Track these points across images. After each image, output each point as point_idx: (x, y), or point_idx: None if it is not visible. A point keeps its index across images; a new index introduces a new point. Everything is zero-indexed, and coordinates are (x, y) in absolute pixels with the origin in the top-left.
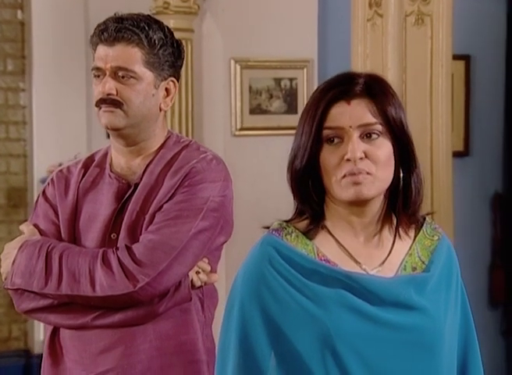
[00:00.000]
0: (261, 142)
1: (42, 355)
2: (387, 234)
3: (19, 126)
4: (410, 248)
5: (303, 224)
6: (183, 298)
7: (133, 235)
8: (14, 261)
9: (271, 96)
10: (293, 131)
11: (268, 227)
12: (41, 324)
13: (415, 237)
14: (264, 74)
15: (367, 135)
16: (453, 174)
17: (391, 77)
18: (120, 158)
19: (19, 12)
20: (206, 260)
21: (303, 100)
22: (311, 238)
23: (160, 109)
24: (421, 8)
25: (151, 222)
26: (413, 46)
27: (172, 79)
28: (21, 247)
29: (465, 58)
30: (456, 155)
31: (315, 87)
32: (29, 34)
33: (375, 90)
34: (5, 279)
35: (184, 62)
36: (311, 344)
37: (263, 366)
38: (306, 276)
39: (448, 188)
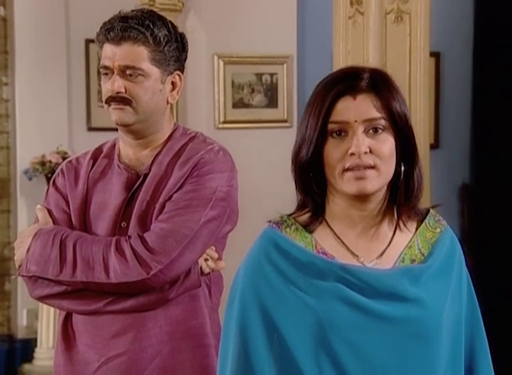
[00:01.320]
0: (243, 135)
1: (25, 339)
2: (386, 227)
3: (2, 119)
4: (411, 240)
5: (304, 218)
6: (193, 284)
7: (144, 224)
8: (29, 249)
9: (252, 90)
10: (274, 124)
11: (270, 221)
12: (24, 310)
13: (416, 229)
14: (246, 69)
15: (371, 130)
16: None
17: None
18: (128, 150)
19: (1, 8)
20: (213, 248)
21: (283, 94)
22: (310, 231)
23: (167, 103)
24: (401, 7)
25: (160, 211)
26: (392, 43)
27: (178, 72)
28: (35, 235)
29: (435, 55)
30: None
31: (295, 82)
32: (11, 30)
33: (380, 85)
34: (19, 266)
35: None
36: (305, 335)
37: (262, 355)
38: (302, 269)
39: (426, 180)
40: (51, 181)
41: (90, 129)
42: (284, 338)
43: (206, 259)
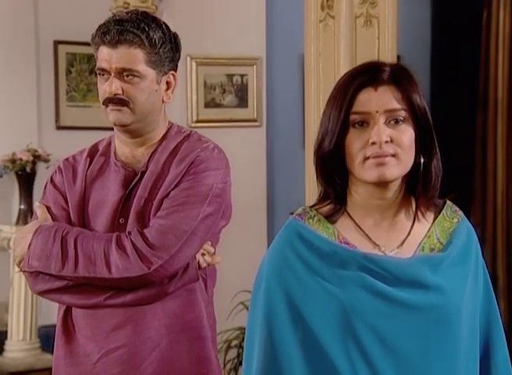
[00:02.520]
0: (215, 133)
1: None
2: (404, 218)
3: None
4: (429, 230)
5: (325, 209)
6: (191, 278)
7: (142, 220)
8: (30, 245)
9: (224, 91)
10: (244, 123)
11: (293, 213)
12: None
13: (434, 220)
14: (218, 71)
15: (392, 121)
16: None
17: (343, 74)
18: (124, 148)
19: None
20: (209, 243)
21: (253, 94)
22: (332, 222)
23: (162, 102)
24: (370, 11)
25: (158, 208)
26: (362, 45)
27: (172, 72)
28: (36, 231)
29: (396, 58)
30: None
31: (264, 83)
32: None
33: (401, 78)
34: (19, 262)
35: None
36: (330, 322)
37: (288, 343)
38: (325, 259)
39: None
40: (49, 179)
41: (59, 128)
42: (310, 327)
43: (203, 254)
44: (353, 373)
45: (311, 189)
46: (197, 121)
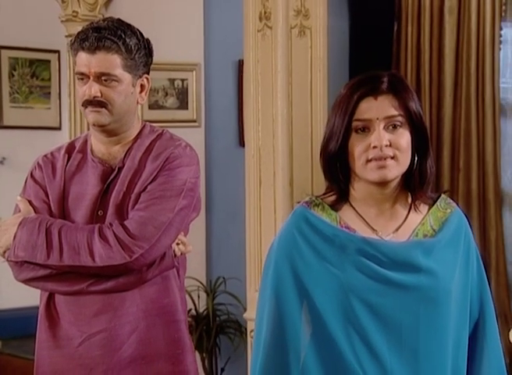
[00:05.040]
0: None
1: None
2: (400, 209)
3: None
4: (423, 219)
5: (330, 199)
6: (167, 266)
7: (120, 212)
8: (15, 236)
9: (166, 94)
10: (185, 124)
11: (299, 202)
12: None
13: (428, 210)
14: (160, 75)
15: (391, 126)
16: None
17: (280, 80)
18: (101, 146)
19: None
20: (183, 233)
21: (192, 97)
22: (335, 210)
23: (137, 103)
24: (303, 22)
25: (136, 201)
26: (297, 54)
27: (146, 76)
28: (21, 223)
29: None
30: None
31: (202, 86)
32: None
33: (398, 87)
34: (4, 252)
35: None
36: (330, 298)
37: (294, 317)
38: (328, 241)
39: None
40: (29, 174)
41: (2, 127)
42: (313, 302)
43: (178, 244)
44: (349, 343)
45: (250, 181)
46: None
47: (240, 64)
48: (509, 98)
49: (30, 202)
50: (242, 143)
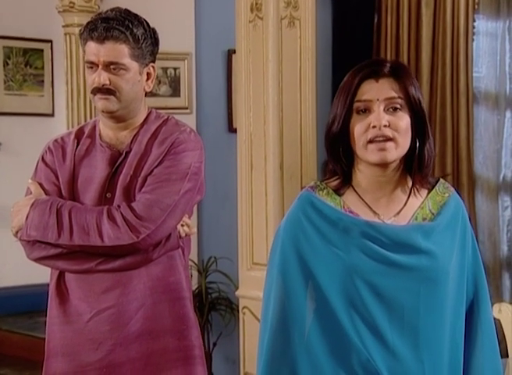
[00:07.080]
0: None
1: None
2: (401, 193)
3: None
4: (422, 203)
5: (334, 183)
6: (173, 246)
7: (128, 195)
8: (27, 217)
9: (159, 82)
10: (177, 111)
11: (305, 187)
12: None
13: (427, 195)
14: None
15: (391, 108)
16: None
17: (271, 69)
18: (109, 131)
19: None
20: (187, 216)
21: (184, 85)
22: (339, 194)
23: (144, 91)
24: (293, 13)
25: (142, 184)
26: (287, 44)
27: (152, 64)
28: (33, 204)
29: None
30: None
31: (194, 75)
32: None
33: (399, 72)
34: (17, 232)
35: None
36: (334, 279)
37: (299, 295)
38: (332, 224)
39: (313, 155)
40: (40, 158)
41: None
42: (318, 282)
43: (182, 225)
44: (352, 323)
45: (242, 165)
46: None
47: (230, 54)
48: (481, 87)
49: (41, 185)
50: (231, 129)
